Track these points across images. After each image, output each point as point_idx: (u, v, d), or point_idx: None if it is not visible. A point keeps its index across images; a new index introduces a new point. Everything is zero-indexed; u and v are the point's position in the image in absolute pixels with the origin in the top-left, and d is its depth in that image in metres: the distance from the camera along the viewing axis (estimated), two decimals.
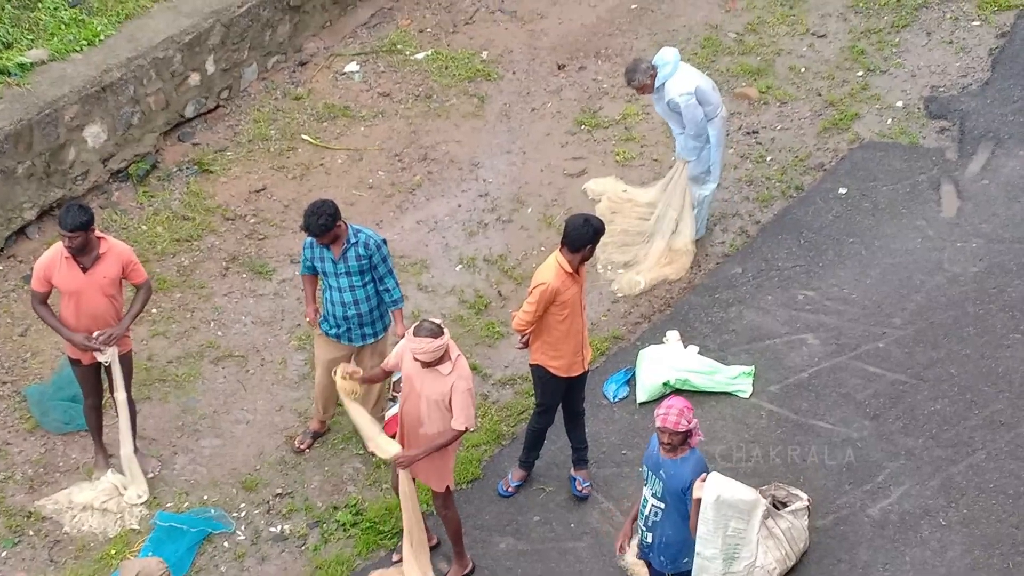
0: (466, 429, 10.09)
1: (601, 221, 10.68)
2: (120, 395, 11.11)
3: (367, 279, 11.05)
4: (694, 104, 12.62)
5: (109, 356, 10.92)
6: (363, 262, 10.99)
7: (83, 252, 10.64)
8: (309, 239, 11.02)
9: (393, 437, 10.40)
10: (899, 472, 11.41)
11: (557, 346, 10.80)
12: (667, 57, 12.74)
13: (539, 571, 10.94)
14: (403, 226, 13.77)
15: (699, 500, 9.30)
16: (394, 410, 11.46)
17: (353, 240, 10.93)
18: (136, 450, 11.41)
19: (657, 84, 12.72)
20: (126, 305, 11.11)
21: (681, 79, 12.65)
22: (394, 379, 11.18)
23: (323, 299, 11.25)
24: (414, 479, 10.50)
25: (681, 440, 9.27)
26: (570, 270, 10.53)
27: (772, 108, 14.97)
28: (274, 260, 13.45)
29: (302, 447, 11.80)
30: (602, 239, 10.81)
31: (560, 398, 11.12)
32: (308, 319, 11.40)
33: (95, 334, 10.80)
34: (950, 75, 15.16)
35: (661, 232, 13.27)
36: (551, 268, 10.57)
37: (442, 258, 13.50)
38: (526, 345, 10.99)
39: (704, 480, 9.32)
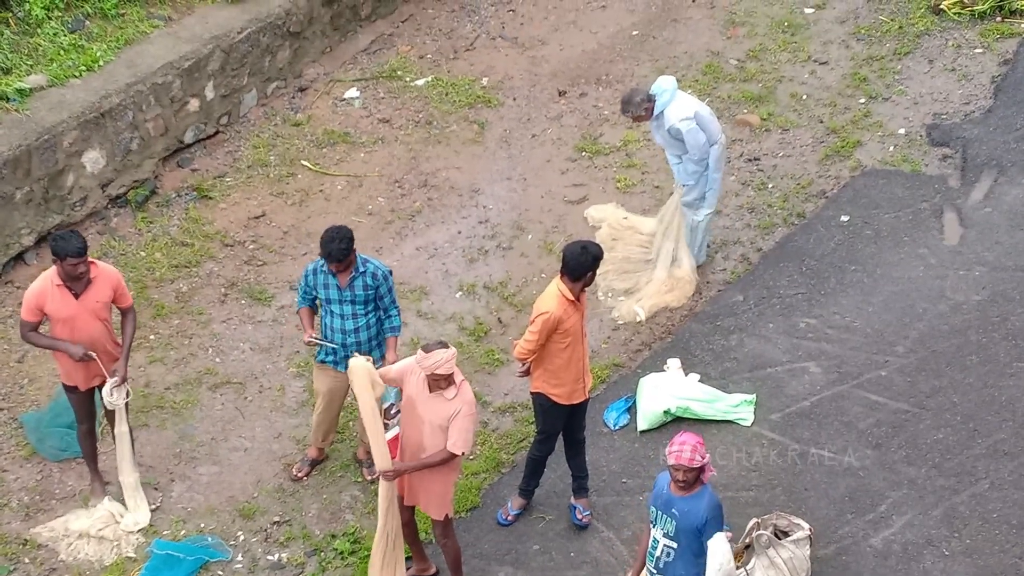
0: (461, 454, 10.03)
1: (599, 247, 10.67)
2: (123, 427, 11.11)
3: (370, 308, 11.05)
4: (696, 128, 12.64)
5: (120, 400, 10.96)
6: (370, 292, 11.00)
7: (78, 278, 10.64)
8: (311, 267, 11.00)
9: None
10: (902, 501, 11.38)
11: (558, 374, 10.78)
12: (665, 85, 12.76)
13: None
14: (403, 252, 13.76)
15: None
16: (391, 434, 11.42)
17: (362, 269, 10.94)
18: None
19: (656, 112, 12.73)
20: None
21: (680, 105, 12.68)
22: (385, 405, 11.15)
23: (320, 325, 11.23)
24: (413, 508, 10.48)
25: (695, 477, 9.21)
26: (572, 298, 10.52)
27: (774, 135, 14.97)
28: (273, 286, 13.43)
29: (300, 475, 11.77)
30: (603, 266, 10.78)
31: (561, 426, 11.09)
32: (307, 340, 11.30)
33: (106, 388, 10.89)
34: (952, 102, 15.17)
35: (662, 262, 13.26)
36: (553, 297, 10.55)
37: (442, 285, 13.48)
38: (527, 373, 10.96)
39: (715, 540, 9.27)
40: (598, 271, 10.76)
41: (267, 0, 15.24)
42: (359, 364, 10.15)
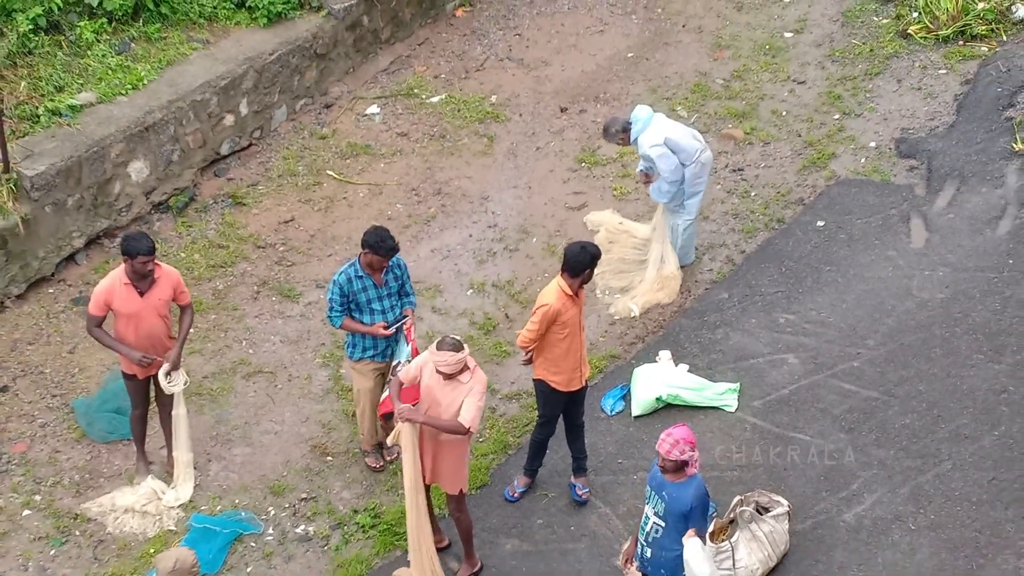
0: (468, 430, 9.99)
1: (597, 248, 10.69)
2: (180, 410, 11.14)
3: (396, 296, 11.11)
4: (666, 153, 12.67)
5: (177, 387, 10.98)
6: (398, 282, 11.09)
7: (145, 277, 10.67)
8: (344, 278, 10.94)
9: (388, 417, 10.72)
10: (872, 481, 11.36)
11: (558, 363, 10.78)
12: (639, 115, 12.82)
13: (541, 570, 10.89)
14: (419, 254, 13.75)
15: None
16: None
17: (390, 264, 10.97)
18: (172, 457, 11.44)
19: (632, 138, 12.80)
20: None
21: (651, 133, 12.72)
22: (395, 362, 11.15)
23: (352, 338, 11.24)
24: (430, 486, 10.49)
25: (675, 467, 9.23)
26: (570, 292, 10.52)
27: (756, 148, 14.95)
28: (301, 284, 13.43)
29: (379, 466, 11.70)
30: (601, 267, 10.75)
31: (560, 411, 11.08)
32: (386, 330, 11.13)
33: (161, 374, 10.91)
34: (919, 118, 15.14)
35: (652, 263, 13.28)
36: (553, 291, 10.56)
37: (454, 283, 13.48)
38: (530, 361, 10.96)
39: (688, 538, 9.28)
40: (596, 271, 10.76)
41: (296, 25, 15.24)
42: (408, 429, 10.13)
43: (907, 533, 10.94)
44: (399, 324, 11.08)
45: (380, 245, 10.83)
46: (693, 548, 9.26)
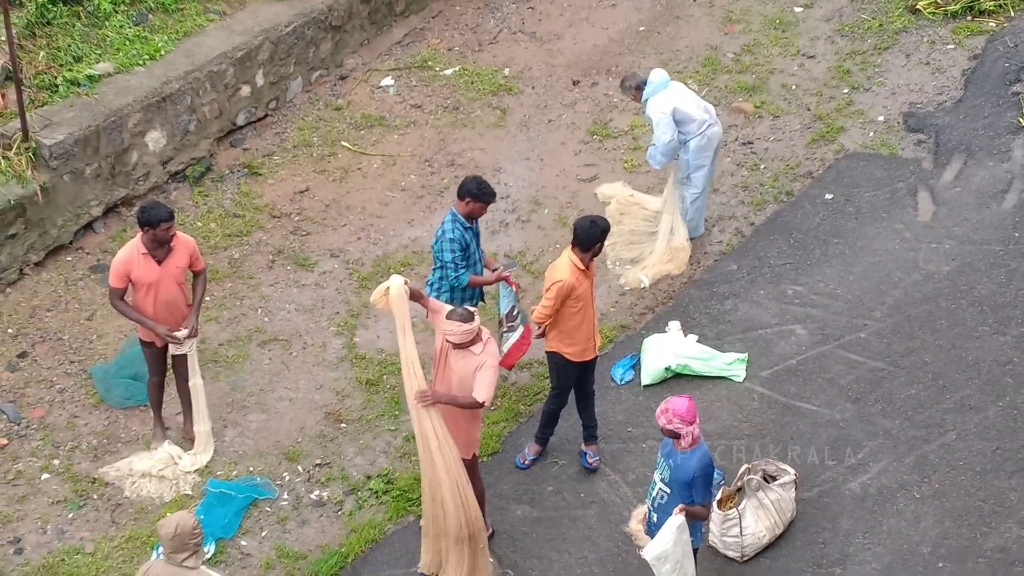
0: (482, 404, 9.98)
1: (607, 221, 10.68)
2: (196, 380, 11.15)
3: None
4: (667, 123, 12.60)
5: (188, 347, 11.00)
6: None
7: (164, 244, 10.69)
8: (458, 232, 10.98)
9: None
10: (877, 450, 11.38)
11: (572, 335, 10.79)
12: (655, 78, 12.77)
13: (552, 536, 10.93)
14: (432, 225, 13.74)
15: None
16: (512, 340, 11.42)
17: None
18: (189, 424, 11.48)
19: (643, 98, 12.75)
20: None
21: (662, 99, 12.66)
22: (506, 309, 11.12)
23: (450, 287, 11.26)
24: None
25: (671, 435, 9.28)
26: (582, 267, 10.52)
27: (766, 121, 14.92)
28: (316, 254, 13.44)
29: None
30: (611, 238, 10.73)
31: (573, 381, 11.10)
32: (504, 276, 11.24)
33: (179, 334, 10.90)
34: (927, 93, 15.10)
35: (662, 234, 13.27)
36: (565, 266, 10.56)
37: None
38: (543, 335, 10.97)
39: (676, 513, 9.33)
40: (607, 243, 10.75)
41: None
42: (398, 283, 9.84)
43: (912, 502, 10.96)
44: (509, 268, 11.07)
45: (483, 191, 10.95)
46: (673, 523, 9.29)
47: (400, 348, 9.87)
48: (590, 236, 10.49)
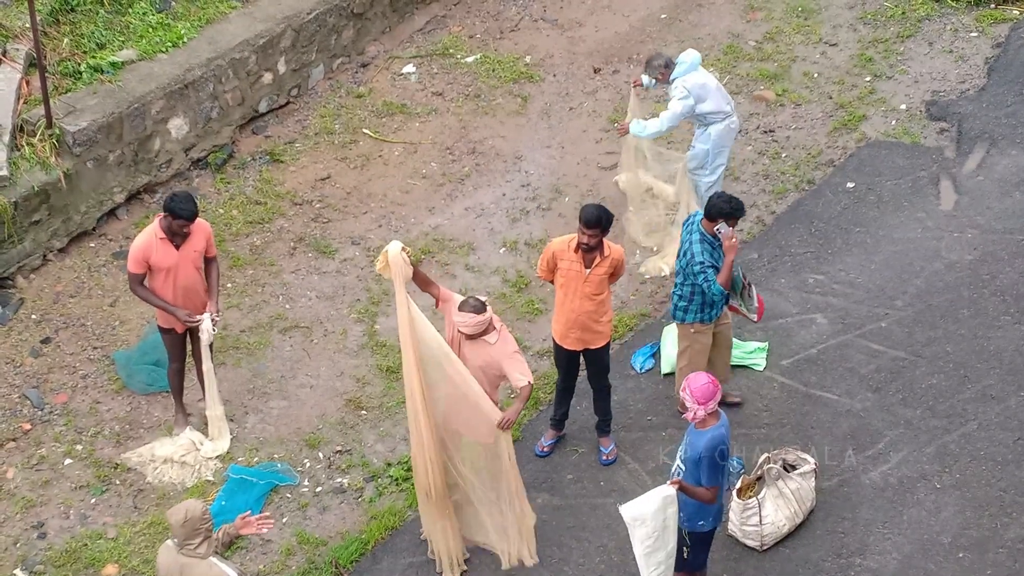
0: (530, 384, 9.94)
1: (610, 212, 10.59)
2: (208, 365, 11.14)
3: None
4: (683, 103, 12.41)
5: (208, 337, 10.99)
6: None
7: (177, 235, 10.70)
8: (697, 236, 10.89)
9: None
10: (898, 440, 11.32)
11: (557, 311, 10.94)
12: (686, 58, 12.59)
13: (571, 524, 10.90)
14: (453, 212, 13.72)
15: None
16: (755, 292, 11.16)
17: None
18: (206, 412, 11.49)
19: (671, 78, 12.58)
20: None
21: (689, 80, 12.47)
22: (742, 273, 10.97)
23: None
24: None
25: (682, 406, 9.30)
26: (573, 245, 10.52)
27: (787, 109, 14.84)
28: (337, 241, 13.42)
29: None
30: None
31: (562, 363, 11.13)
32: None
33: (205, 323, 10.89)
34: (950, 81, 15.01)
35: (678, 223, 13.18)
36: (564, 238, 10.70)
37: (488, 241, 13.44)
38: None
39: (668, 485, 9.29)
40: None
41: None
42: (396, 247, 9.70)
43: (932, 492, 10.91)
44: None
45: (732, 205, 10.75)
46: (661, 491, 9.26)
47: (397, 307, 9.74)
48: (584, 215, 10.47)
